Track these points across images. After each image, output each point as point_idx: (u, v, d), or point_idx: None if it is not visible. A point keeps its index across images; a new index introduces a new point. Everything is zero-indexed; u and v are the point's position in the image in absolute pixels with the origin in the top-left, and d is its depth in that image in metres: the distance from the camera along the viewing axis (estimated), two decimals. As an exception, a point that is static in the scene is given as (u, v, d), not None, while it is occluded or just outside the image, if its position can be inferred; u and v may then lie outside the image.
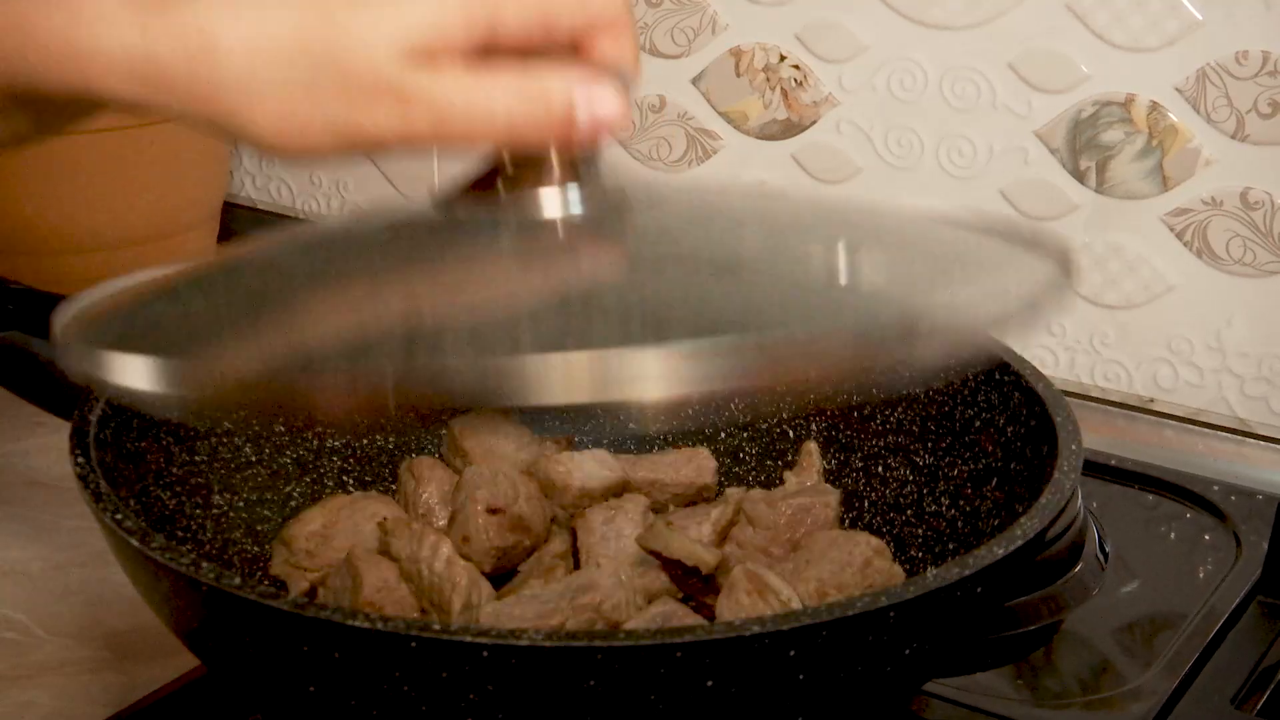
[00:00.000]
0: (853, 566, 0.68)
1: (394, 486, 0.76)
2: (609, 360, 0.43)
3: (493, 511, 0.68)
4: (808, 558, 0.70)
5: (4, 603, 0.78)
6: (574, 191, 0.52)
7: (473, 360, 0.45)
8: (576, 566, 0.69)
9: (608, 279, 0.53)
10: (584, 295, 0.51)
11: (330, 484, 0.75)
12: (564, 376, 0.43)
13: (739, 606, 0.61)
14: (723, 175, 1.12)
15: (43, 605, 0.78)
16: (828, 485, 0.75)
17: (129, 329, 0.51)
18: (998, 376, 0.70)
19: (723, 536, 0.72)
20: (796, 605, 0.60)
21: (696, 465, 0.77)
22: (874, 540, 0.70)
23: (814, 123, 1.08)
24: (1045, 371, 0.71)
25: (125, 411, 0.65)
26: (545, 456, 0.75)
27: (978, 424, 0.71)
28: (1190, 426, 0.98)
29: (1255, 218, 0.94)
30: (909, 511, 0.74)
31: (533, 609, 0.60)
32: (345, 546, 0.68)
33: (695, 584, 0.65)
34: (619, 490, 0.74)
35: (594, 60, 0.51)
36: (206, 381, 0.45)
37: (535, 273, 0.52)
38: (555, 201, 0.52)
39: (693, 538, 0.67)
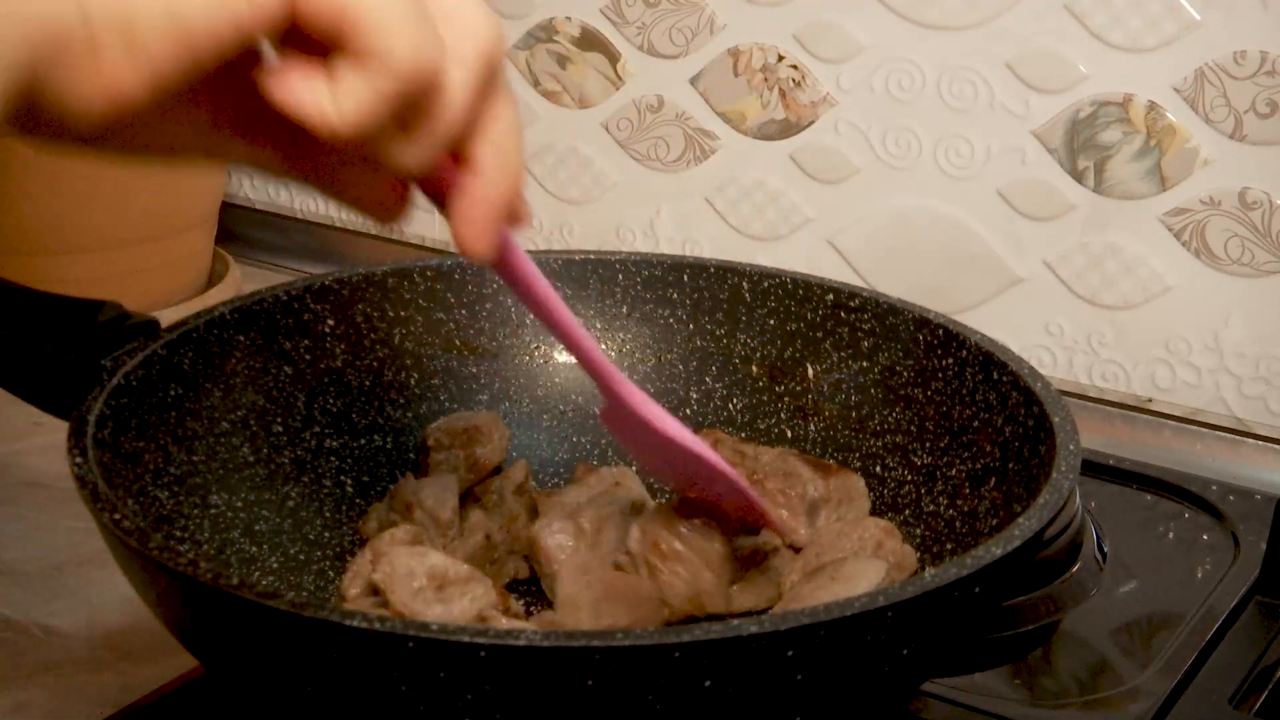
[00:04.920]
0: (865, 551, 0.69)
1: (391, 487, 0.76)
2: None
3: None
4: (817, 551, 0.70)
5: (2, 602, 0.78)
6: None
7: None
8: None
9: None
10: None
11: (328, 484, 0.75)
12: None
13: None
14: (720, 175, 1.12)
15: (40, 605, 0.78)
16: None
17: None
18: (995, 376, 0.70)
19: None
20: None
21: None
22: (881, 522, 0.71)
23: (812, 123, 1.08)
24: (1043, 371, 0.71)
25: (124, 411, 0.65)
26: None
27: (976, 424, 0.71)
28: (1188, 426, 0.98)
29: (1253, 218, 0.94)
30: (907, 511, 0.74)
31: None
32: None
33: None
34: None
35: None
36: None
37: None
38: None
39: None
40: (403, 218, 0.54)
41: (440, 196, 0.52)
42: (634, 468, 0.80)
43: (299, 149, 0.51)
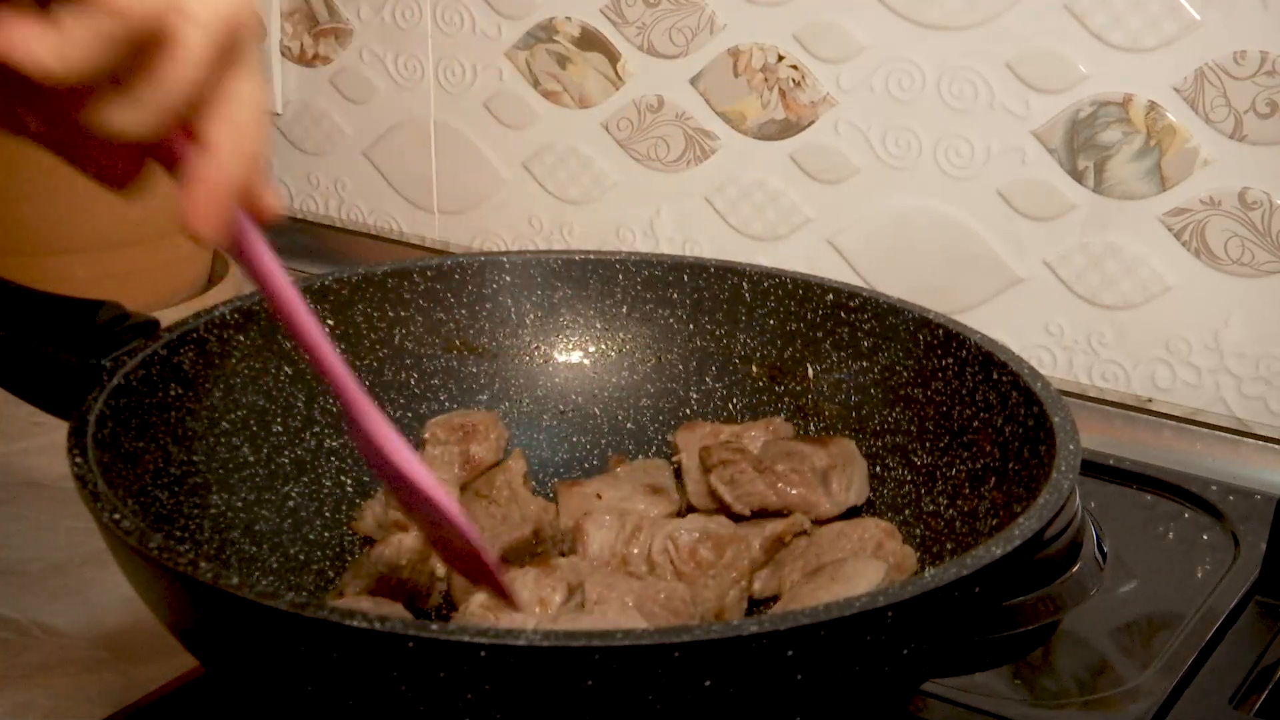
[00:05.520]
0: (865, 552, 0.69)
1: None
2: None
3: None
4: (818, 551, 0.70)
5: (2, 602, 0.78)
6: None
7: None
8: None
9: None
10: None
11: (328, 484, 0.75)
12: None
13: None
14: (720, 175, 1.12)
15: (41, 605, 0.78)
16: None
17: None
18: (996, 377, 0.70)
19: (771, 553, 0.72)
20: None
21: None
22: (881, 523, 0.71)
23: (812, 123, 1.08)
24: (1043, 371, 0.71)
25: (124, 411, 0.65)
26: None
27: (976, 424, 0.71)
28: (1188, 426, 0.98)
29: (1253, 217, 0.94)
30: (907, 511, 0.74)
31: None
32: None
33: None
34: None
35: None
36: None
37: None
38: None
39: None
40: (139, 191, 0.51)
41: (174, 169, 0.49)
42: (672, 465, 0.80)
43: (30, 108, 0.49)
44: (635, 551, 0.70)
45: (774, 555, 0.72)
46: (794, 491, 0.72)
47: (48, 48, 0.43)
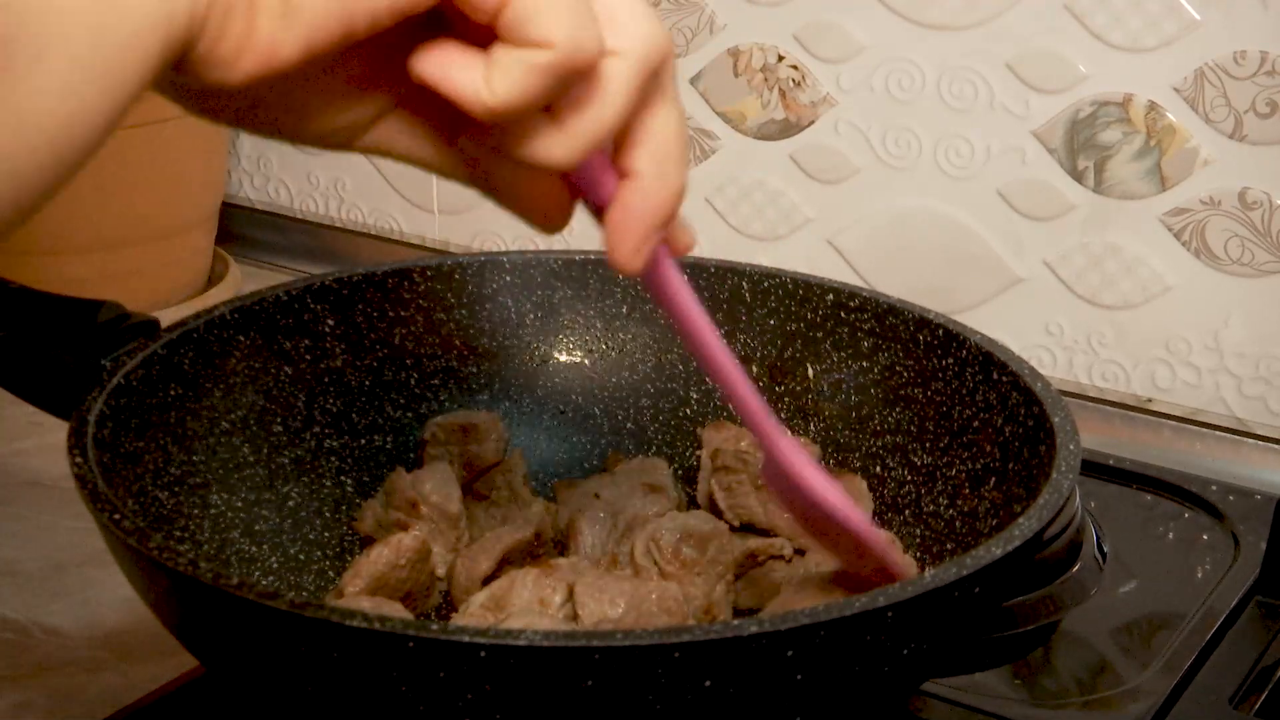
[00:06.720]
0: None
1: (390, 490, 0.76)
2: None
3: None
4: (817, 560, 0.70)
5: (2, 602, 0.78)
6: None
7: None
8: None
9: None
10: None
11: (328, 484, 0.75)
12: None
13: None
14: (720, 175, 1.12)
15: (40, 605, 0.78)
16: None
17: None
18: (995, 376, 0.70)
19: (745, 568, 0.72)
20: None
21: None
22: (882, 532, 0.71)
23: (812, 123, 1.08)
24: (1043, 371, 0.71)
25: (124, 411, 0.65)
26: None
27: (976, 424, 0.71)
28: (1188, 426, 0.98)
29: (1253, 217, 0.94)
30: (907, 511, 0.74)
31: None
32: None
33: None
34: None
35: None
36: None
37: None
38: None
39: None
40: (563, 226, 0.54)
41: (599, 208, 0.52)
42: (669, 464, 0.80)
43: (463, 150, 0.52)
44: (626, 549, 0.70)
45: (747, 570, 0.72)
46: (785, 516, 0.72)
47: (485, 84, 0.45)
